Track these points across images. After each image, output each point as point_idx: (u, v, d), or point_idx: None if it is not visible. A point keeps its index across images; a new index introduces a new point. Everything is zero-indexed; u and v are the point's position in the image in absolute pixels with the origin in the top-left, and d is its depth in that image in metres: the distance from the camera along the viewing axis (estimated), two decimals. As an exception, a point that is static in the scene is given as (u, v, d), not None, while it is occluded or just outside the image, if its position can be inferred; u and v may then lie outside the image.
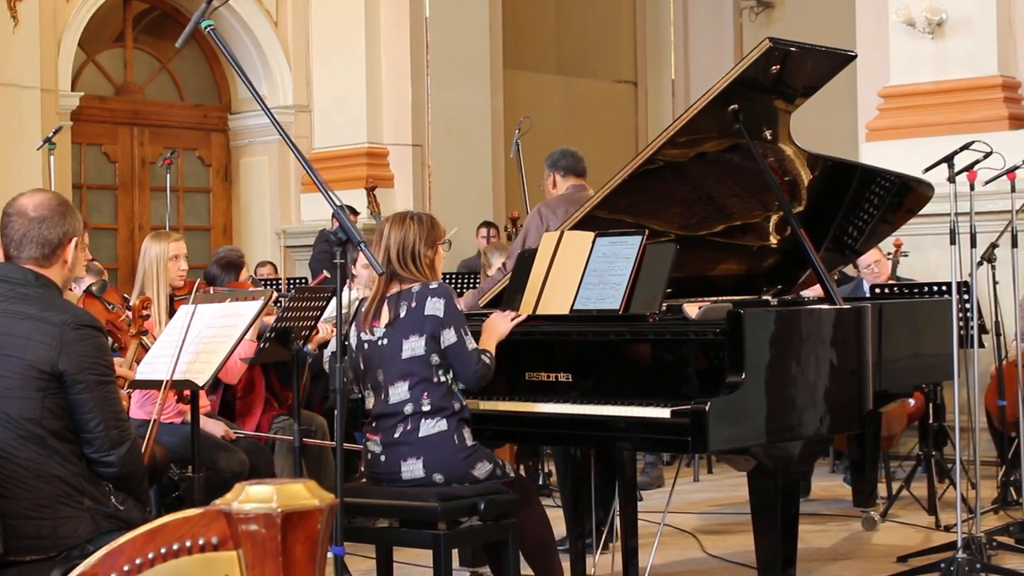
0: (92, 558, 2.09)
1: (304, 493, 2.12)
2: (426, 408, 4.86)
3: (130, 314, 5.80)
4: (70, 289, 5.71)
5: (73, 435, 3.92)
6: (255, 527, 2.08)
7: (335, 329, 6.48)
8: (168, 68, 13.34)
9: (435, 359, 4.88)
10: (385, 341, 4.95)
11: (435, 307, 4.88)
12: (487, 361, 4.96)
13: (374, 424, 5.01)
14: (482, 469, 4.89)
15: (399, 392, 4.89)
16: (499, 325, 5.15)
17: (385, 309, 4.98)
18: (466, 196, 13.27)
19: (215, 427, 6.33)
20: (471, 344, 4.93)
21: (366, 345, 5.03)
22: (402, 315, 4.92)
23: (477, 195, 13.33)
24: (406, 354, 4.89)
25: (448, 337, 4.87)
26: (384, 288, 5.02)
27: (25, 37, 11.32)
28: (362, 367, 5.06)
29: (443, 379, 4.89)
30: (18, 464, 3.83)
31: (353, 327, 5.10)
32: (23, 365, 3.86)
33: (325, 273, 9.38)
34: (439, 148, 13.27)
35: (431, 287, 4.93)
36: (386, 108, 13.20)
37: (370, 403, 5.05)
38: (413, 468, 4.85)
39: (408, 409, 4.87)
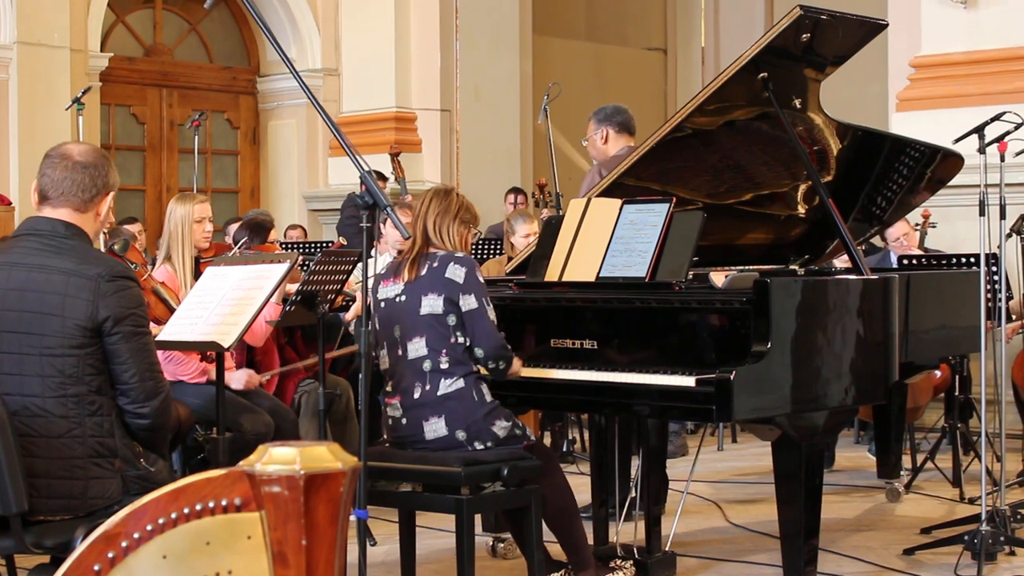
0: (116, 516, 2.10)
1: (327, 456, 2.12)
2: (444, 366, 4.90)
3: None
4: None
5: (111, 389, 3.94)
6: (278, 489, 2.09)
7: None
8: (197, 30, 13.33)
9: (452, 319, 4.92)
10: (403, 298, 5.00)
11: (455, 273, 4.92)
12: (511, 354, 5.00)
13: (391, 387, 5.04)
14: (501, 426, 4.91)
15: (417, 348, 4.94)
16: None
17: (407, 268, 5.02)
18: (494, 162, 13.24)
19: (241, 376, 6.37)
20: (494, 316, 4.97)
21: (383, 304, 5.08)
22: (423, 273, 4.97)
23: (505, 161, 13.28)
24: (424, 311, 4.93)
25: (469, 302, 4.91)
26: (413, 251, 5.05)
27: (55, -3, 11.32)
28: (378, 326, 5.09)
29: (460, 339, 4.93)
30: (54, 423, 3.85)
31: (379, 288, 5.12)
32: (63, 324, 3.87)
33: (341, 239, 9.38)
34: (467, 113, 13.24)
35: (456, 255, 4.99)
36: (415, 72, 13.17)
37: (385, 363, 5.08)
38: (436, 427, 4.89)
39: (427, 366, 4.91)
